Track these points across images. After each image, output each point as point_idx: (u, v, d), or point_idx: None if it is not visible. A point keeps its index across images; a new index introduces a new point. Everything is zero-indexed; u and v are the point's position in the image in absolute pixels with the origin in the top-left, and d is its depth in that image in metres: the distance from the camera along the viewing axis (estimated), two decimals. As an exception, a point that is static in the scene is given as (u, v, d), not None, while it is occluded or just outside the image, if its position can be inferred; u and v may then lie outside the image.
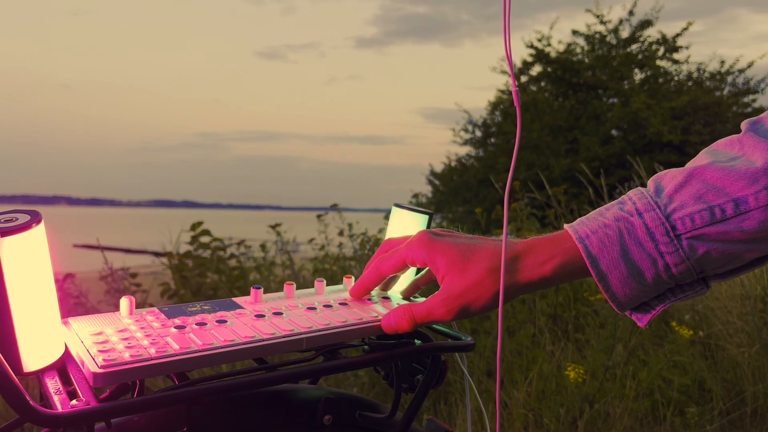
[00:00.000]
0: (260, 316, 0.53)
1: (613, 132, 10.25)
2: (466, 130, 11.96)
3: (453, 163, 12.05)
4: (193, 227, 3.03)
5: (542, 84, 11.34)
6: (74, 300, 2.70)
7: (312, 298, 0.59)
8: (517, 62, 10.91)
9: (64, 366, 0.46)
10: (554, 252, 0.50)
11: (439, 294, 0.52)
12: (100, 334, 0.47)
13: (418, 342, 0.56)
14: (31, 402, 0.38)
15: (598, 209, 0.51)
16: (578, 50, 11.07)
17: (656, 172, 0.52)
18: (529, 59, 11.05)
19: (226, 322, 0.51)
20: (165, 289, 2.94)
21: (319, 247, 3.61)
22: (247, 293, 0.58)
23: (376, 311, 0.56)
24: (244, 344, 0.47)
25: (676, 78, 10.95)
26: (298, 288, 0.62)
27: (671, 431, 1.88)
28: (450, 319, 0.52)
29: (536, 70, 11.20)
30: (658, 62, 10.79)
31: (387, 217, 0.66)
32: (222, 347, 0.46)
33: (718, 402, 1.97)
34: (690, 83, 10.67)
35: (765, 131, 0.48)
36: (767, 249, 0.47)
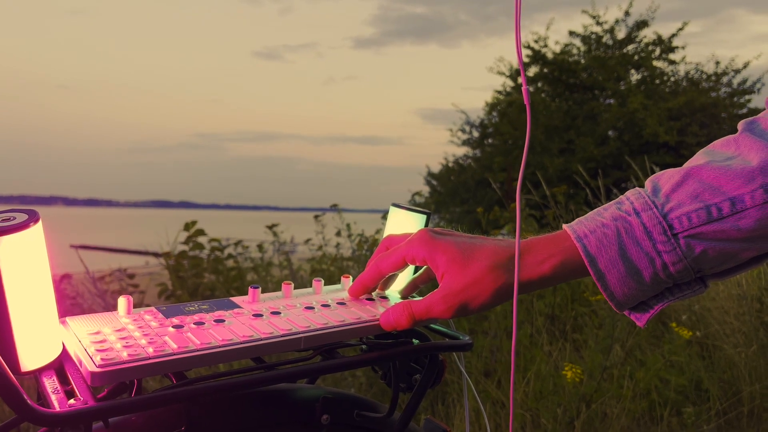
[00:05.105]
0: (258, 315, 0.53)
1: (609, 133, 10.27)
2: (463, 131, 11.98)
3: (450, 164, 12.06)
4: (187, 227, 3.01)
5: (539, 85, 11.36)
6: (70, 301, 2.70)
7: (310, 298, 0.59)
8: (515, 63, 10.93)
9: (61, 365, 0.46)
10: (553, 251, 0.50)
11: (438, 291, 0.52)
12: (97, 333, 0.47)
13: (415, 341, 0.56)
14: (29, 401, 0.38)
15: (596, 209, 0.51)
16: (575, 51, 11.09)
17: (653, 174, 0.52)
18: (526, 60, 11.06)
19: (224, 321, 0.51)
20: (162, 289, 2.93)
21: (317, 248, 3.60)
22: (245, 294, 0.58)
23: (375, 310, 0.56)
24: (242, 343, 0.47)
25: (672, 79, 10.99)
26: (295, 288, 0.62)
27: (668, 431, 1.89)
28: (449, 316, 0.52)
29: (533, 71, 11.22)
30: (655, 63, 10.82)
31: (385, 217, 0.66)
32: (220, 346, 0.46)
33: (715, 402, 1.98)
34: (686, 84, 10.70)
35: (761, 131, 0.48)
36: (764, 248, 0.48)
